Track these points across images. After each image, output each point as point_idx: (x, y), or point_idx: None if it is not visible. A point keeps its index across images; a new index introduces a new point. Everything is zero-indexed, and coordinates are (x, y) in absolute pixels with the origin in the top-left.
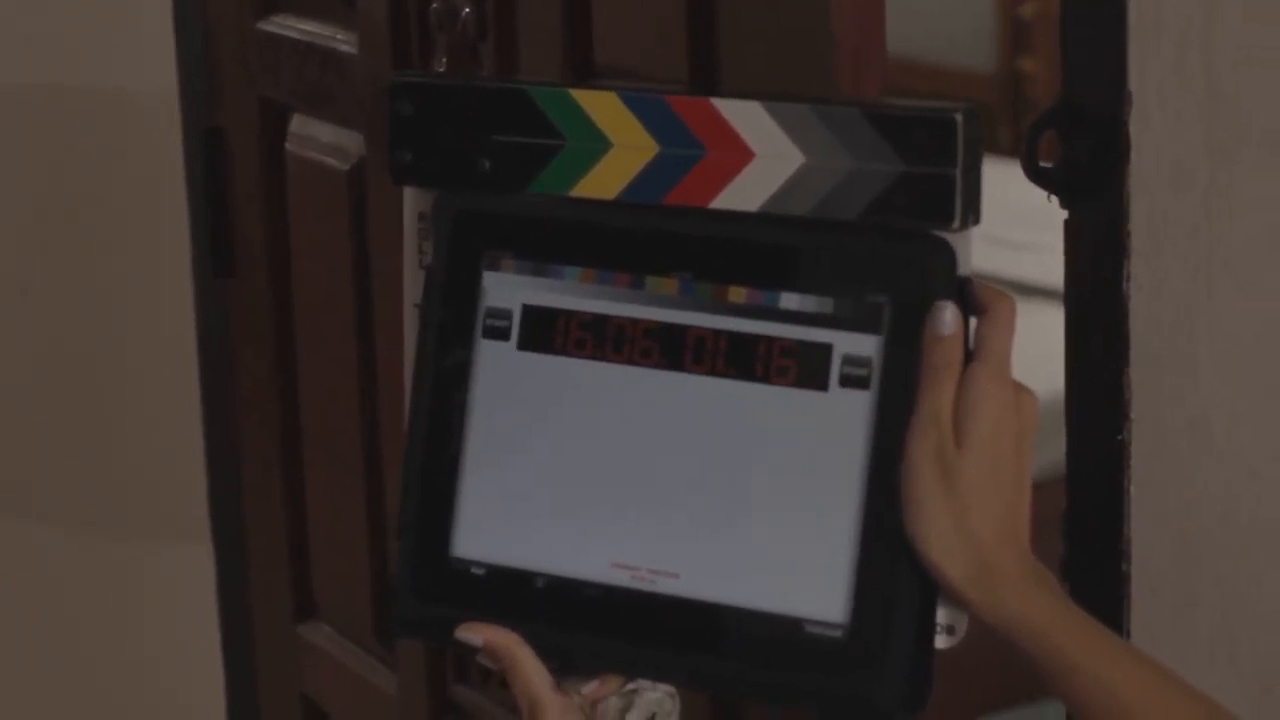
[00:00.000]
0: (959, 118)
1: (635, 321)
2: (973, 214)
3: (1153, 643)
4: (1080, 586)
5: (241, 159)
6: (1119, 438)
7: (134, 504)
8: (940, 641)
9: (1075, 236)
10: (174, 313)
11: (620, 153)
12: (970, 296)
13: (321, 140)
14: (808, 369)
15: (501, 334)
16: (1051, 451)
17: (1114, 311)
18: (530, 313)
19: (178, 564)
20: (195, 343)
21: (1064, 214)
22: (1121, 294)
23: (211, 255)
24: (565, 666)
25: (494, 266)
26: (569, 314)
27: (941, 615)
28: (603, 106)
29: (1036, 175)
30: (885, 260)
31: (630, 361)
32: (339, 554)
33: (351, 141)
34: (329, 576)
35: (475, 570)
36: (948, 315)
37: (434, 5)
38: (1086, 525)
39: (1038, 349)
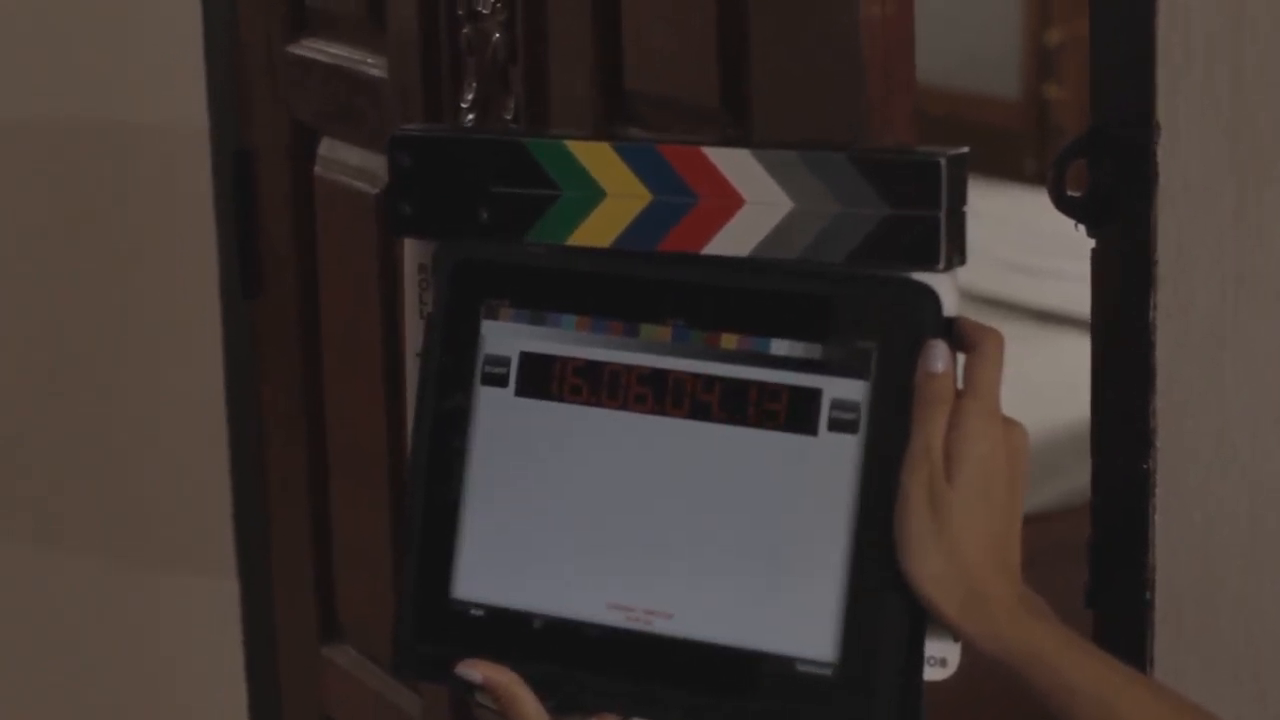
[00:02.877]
0: (942, 161)
1: (629, 368)
2: (957, 254)
3: (1177, 666)
4: (1105, 613)
5: (270, 181)
6: (1145, 466)
7: (159, 524)
8: (934, 674)
9: (1102, 265)
10: (201, 333)
11: (614, 202)
12: (958, 334)
13: (350, 163)
14: (797, 414)
15: (500, 381)
16: (1076, 479)
17: (1140, 340)
18: (528, 360)
19: (202, 584)
20: (221, 363)
21: (1091, 242)
22: (1148, 322)
23: (239, 276)
24: (563, 705)
25: (492, 315)
26: (565, 361)
27: (933, 648)
28: (597, 157)
29: (1064, 204)
30: (873, 307)
31: (625, 407)
32: (364, 575)
33: (380, 165)
34: (354, 598)
35: (475, 611)
36: (939, 352)
37: (464, 29)
38: (1112, 552)
39: (1064, 377)
